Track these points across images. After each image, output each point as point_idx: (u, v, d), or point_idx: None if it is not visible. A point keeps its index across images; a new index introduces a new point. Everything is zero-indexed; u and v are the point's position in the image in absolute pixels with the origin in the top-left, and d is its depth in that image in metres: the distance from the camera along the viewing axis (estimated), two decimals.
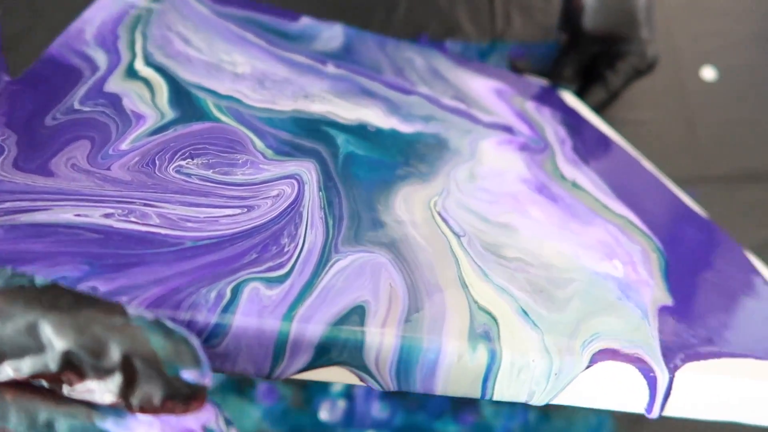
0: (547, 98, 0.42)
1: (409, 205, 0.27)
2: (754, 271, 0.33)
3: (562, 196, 0.32)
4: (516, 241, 0.27)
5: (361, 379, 0.20)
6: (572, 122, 0.40)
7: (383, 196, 0.27)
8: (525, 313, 0.23)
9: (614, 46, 0.39)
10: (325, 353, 0.20)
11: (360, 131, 0.30)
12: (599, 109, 0.42)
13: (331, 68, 0.34)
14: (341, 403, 0.37)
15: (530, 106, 0.39)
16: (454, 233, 0.26)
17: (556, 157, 0.35)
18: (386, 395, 0.37)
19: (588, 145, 0.38)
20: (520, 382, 0.21)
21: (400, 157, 0.30)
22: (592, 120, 0.41)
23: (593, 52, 0.41)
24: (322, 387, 0.37)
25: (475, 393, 0.21)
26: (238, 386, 0.36)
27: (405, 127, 0.32)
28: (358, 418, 0.37)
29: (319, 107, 0.31)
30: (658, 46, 0.40)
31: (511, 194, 0.30)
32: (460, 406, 0.37)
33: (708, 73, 0.48)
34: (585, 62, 0.42)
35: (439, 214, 0.27)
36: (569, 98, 0.43)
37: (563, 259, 0.27)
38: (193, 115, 0.28)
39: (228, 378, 0.36)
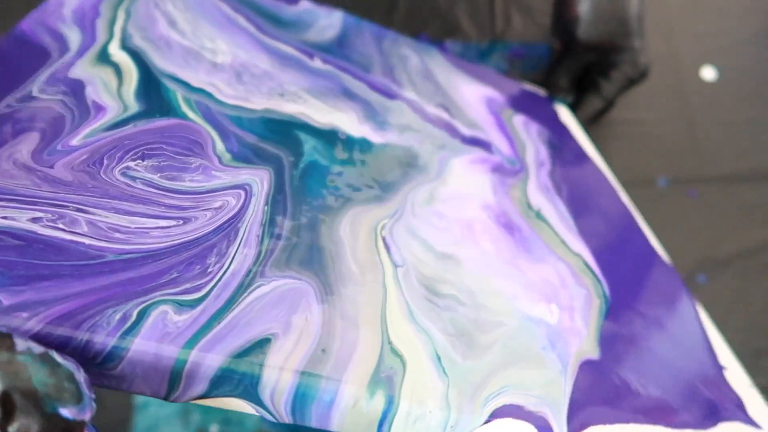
0: (539, 112, 0.41)
1: (354, 228, 0.26)
2: (696, 322, 0.33)
3: (521, 227, 0.31)
4: (456, 276, 0.26)
5: (257, 411, 0.20)
6: (558, 142, 0.39)
7: (331, 215, 0.26)
8: (438, 358, 0.22)
9: (608, 55, 0.40)
10: (220, 385, 0.19)
11: (329, 137, 0.29)
12: (596, 117, 0.42)
13: (317, 63, 0.33)
14: None
15: (518, 121, 0.38)
16: (393, 263, 0.25)
17: (529, 182, 0.34)
18: None
19: (566, 170, 0.37)
20: (416, 431, 0.21)
21: (363, 170, 0.29)
22: (579, 141, 0.41)
23: (587, 62, 0.41)
24: None
25: (371, 430, 0.21)
26: None
27: (377, 137, 0.31)
28: None
29: (292, 107, 0.30)
30: (650, 55, 0.40)
31: (466, 222, 0.29)
32: None
33: (708, 73, 0.48)
34: (579, 71, 0.42)
35: (384, 240, 0.26)
36: (563, 113, 0.42)
37: (498, 301, 0.26)
38: (159, 109, 0.26)
39: None
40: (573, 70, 0.41)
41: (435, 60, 0.39)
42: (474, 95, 0.38)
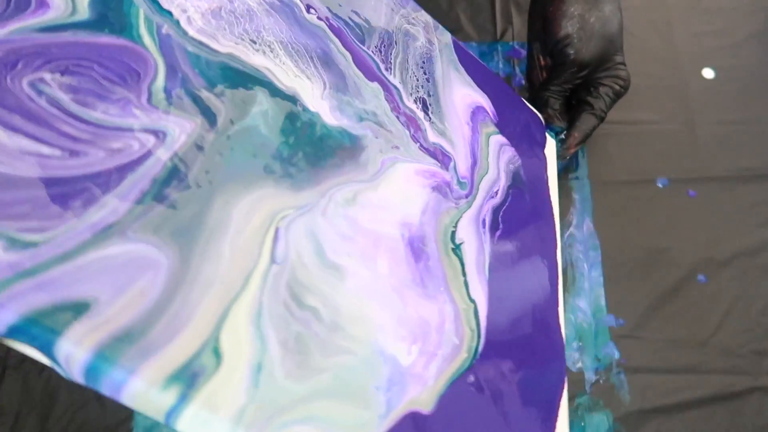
0: (526, 138, 0.38)
1: (253, 210, 0.23)
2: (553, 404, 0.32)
3: (431, 257, 0.29)
4: (331, 290, 0.24)
5: (52, 365, 0.18)
6: (525, 178, 0.37)
7: (235, 192, 0.23)
8: (258, 369, 0.21)
9: (596, 72, 0.40)
10: (14, 334, 0.18)
11: (285, 105, 0.26)
12: (591, 134, 0.41)
13: (310, 16, 0.29)
14: None
15: (494, 142, 0.36)
16: (272, 257, 0.23)
17: (468, 212, 0.32)
18: None
19: (515, 212, 0.35)
20: None
21: (298, 150, 0.26)
22: (549, 184, 0.39)
23: (577, 82, 0.40)
24: None
25: (160, 419, 0.20)
26: None
27: (331, 118, 0.28)
28: None
29: (259, 60, 0.26)
30: (628, 70, 0.40)
31: (375, 236, 0.27)
32: None
33: (708, 73, 0.48)
34: (568, 93, 0.42)
35: (276, 231, 0.24)
36: (550, 148, 0.41)
37: (360, 327, 0.24)
38: (112, 24, 0.23)
39: None
40: (563, 91, 0.41)
41: (443, 48, 0.36)
42: (463, 99, 0.36)
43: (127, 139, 0.22)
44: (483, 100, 0.37)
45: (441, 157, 0.32)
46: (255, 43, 0.27)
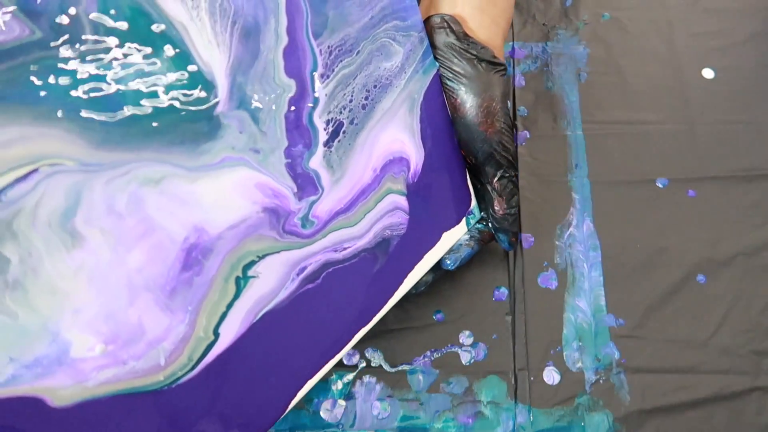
0: (428, 213, 0.34)
1: (18, 140, 0.21)
2: None
3: (202, 272, 0.26)
4: (43, 251, 0.22)
5: None
6: (391, 250, 0.33)
7: (13, 113, 0.20)
8: None
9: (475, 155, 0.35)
10: None
11: (179, 65, 0.23)
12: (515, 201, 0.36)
13: None
14: (341, 403, 0.37)
15: (388, 203, 0.32)
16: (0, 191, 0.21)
17: (290, 252, 0.29)
18: (386, 395, 0.37)
19: (345, 277, 0.31)
20: None
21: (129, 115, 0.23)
22: (416, 265, 0.35)
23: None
24: (323, 387, 0.37)
25: None
26: None
27: (223, 105, 0.25)
28: (358, 418, 0.37)
29: (173, 8, 0.23)
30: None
31: (151, 226, 0.24)
32: (460, 406, 0.37)
33: (708, 73, 0.48)
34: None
35: (30, 172, 0.21)
36: (456, 231, 0.37)
37: (46, 300, 0.22)
38: None
39: None
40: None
41: (413, 82, 0.32)
42: (389, 145, 0.31)
43: None
44: (413, 155, 0.33)
45: (306, 185, 0.29)
46: None
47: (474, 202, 0.37)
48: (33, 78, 0.21)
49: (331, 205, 0.30)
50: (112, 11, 0.22)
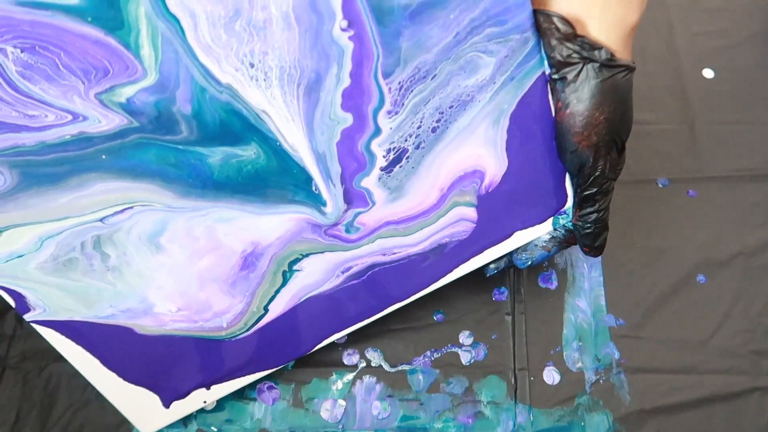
0: (496, 225, 0.32)
1: (113, 190, 0.27)
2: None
3: (256, 269, 0.31)
4: (134, 253, 0.29)
5: None
6: (443, 253, 0.33)
7: (113, 172, 0.26)
8: (18, 256, 0.28)
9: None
10: None
11: (285, 162, 0.28)
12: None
13: (339, 33, 0.25)
14: (341, 403, 0.37)
15: (452, 215, 0.31)
16: (102, 219, 0.28)
17: (335, 254, 0.32)
18: (386, 395, 0.37)
19: (387, 275, 0.33)
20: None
21: (221, 170, 0.28)
22: (459, 268, 0.34)
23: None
24: (323, 387, 0.37)
25: None
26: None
27: (293, 149, 0.27)
28: (358, 418, 0.37)
29: (254, 96, 0.25)
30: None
31: (219, 244, 0.30)
32: (460, 406, 0.37)
33: (708, 73, 0.48)
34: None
35: (126, 209, 0.28)
36: (519, 235, 0.34)
37: (137, 279, 0.30)
38: (101, 17, 0.22)
39: None
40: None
41: (505, 92, 0.28)
42: (462, 161, 0.30)
43: (44, 110, 0.23)
44: (491, 166, 0.30)
45: (354, 199, 0.30)
46: (253, 67, 0.25)
47: (570, 202, 0.33)
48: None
49: (381, 215, 0.31)
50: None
